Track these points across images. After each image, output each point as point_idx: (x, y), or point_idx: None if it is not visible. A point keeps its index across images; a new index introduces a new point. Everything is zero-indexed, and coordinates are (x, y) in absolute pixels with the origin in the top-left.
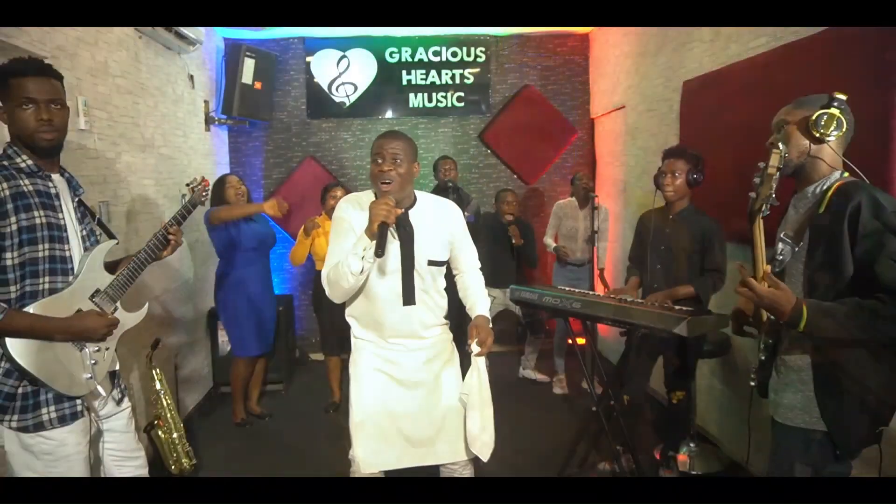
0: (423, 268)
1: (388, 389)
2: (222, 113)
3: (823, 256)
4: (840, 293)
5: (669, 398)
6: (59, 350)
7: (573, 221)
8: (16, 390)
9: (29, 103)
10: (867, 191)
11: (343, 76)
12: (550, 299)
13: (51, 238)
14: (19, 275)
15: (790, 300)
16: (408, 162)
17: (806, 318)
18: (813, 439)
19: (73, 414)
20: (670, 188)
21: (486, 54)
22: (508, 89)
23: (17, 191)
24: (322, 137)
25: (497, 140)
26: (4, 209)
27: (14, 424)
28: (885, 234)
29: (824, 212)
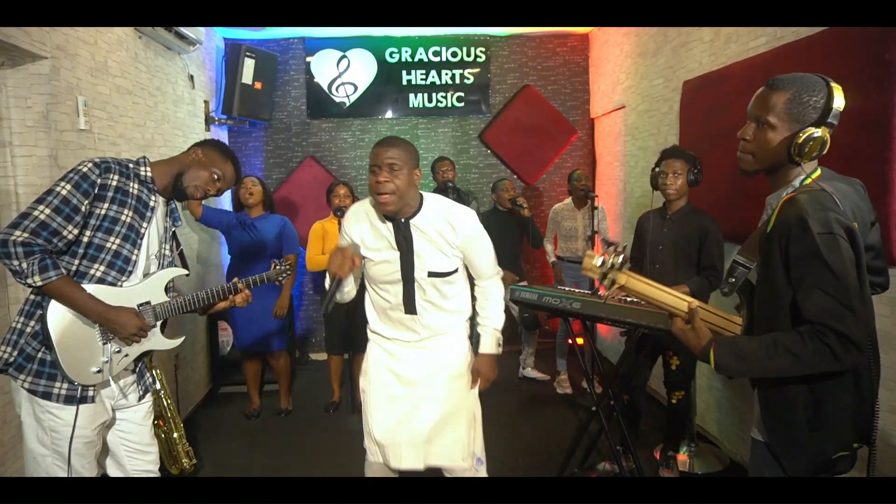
0: (423, 280)
1: (390, 383)
2: (222, 113)
3: (764, 279)
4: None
5: (669, 398)
6: (86, 336)
7: (572, 222)
8: (36, 353)
9: (216, 181)
10: (800, 212)
11: (343, 76)
12: (550, 299)
13: (125, 237)
14: (81, 251)
15: (700, 340)
16: (407, 169)
17: (714, 361)
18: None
19: (82, 397)
20: (672, 188)
21: (486, 54)
22: (508, 89)
23: (123, 187)
24: (322, 137)
25: (497, 140)
26: (105, 194)
27: (26, 385)
28: (809, 260)
29: (770, 231)
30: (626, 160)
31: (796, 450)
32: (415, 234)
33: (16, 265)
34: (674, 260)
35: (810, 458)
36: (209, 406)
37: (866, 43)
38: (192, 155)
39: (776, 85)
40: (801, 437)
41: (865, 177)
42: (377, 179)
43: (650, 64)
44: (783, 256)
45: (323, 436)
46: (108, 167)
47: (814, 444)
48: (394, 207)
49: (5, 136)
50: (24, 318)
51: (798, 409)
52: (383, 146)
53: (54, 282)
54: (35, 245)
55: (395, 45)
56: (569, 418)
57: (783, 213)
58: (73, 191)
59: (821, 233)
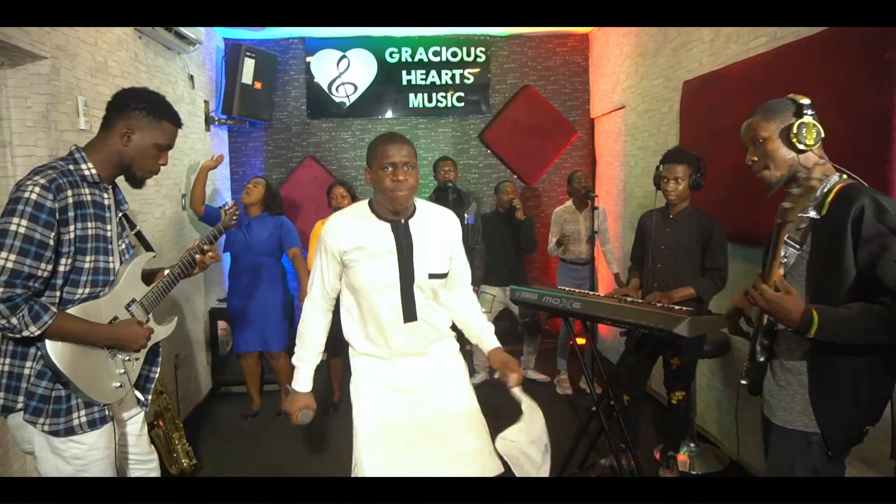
0: (423, 282)
1: (393, 408)
2: (222, 113)
3: (826, 260)
4: (843, 297)
5: (669, 398)
6: (93, 357)
7: (574, 224)
8: (50, 392)
9: (165, 149)
10: (869, 194)
11: (343, 76)
12: (550, 299)
13: (97, 250)
14: (61, 281)
15: (799, 306)
16: (416, 168)
17: (817, 325)
18: (813, 442)
19: (101, 418)
20: (673, 194)
21: (486, 54)
22: (508, 89)
23: (79, 199)
24: (322, 137)
25: (497, 140)
26: (67, 217)
27: (46, 428)
28: (888, 237)
29: (826, 216)
30: (626, 160)
31: (839, 424)
32: (414, 234)
33: (3, 323)
34: (675, 260)
35: (848, 431)
36: (209, 406)
37: (866, 43)
38: (126, 139)
39: (749, 115)
40: (845, 413)
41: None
42: (396, 178)
43: (650, 64)
44: (854, 237)
45: (323, 436)
46: (59, 186)
47: (852, 418)
48: (406, 203)
49: (5, 136)
50: (12, 359)
51: (844, 387)
52: (396, 144)
53: (52, 324)
54: (16, 297)
55: (395, 45)
56: (569, 418)
57: (841, 199)
58: (33, 225)
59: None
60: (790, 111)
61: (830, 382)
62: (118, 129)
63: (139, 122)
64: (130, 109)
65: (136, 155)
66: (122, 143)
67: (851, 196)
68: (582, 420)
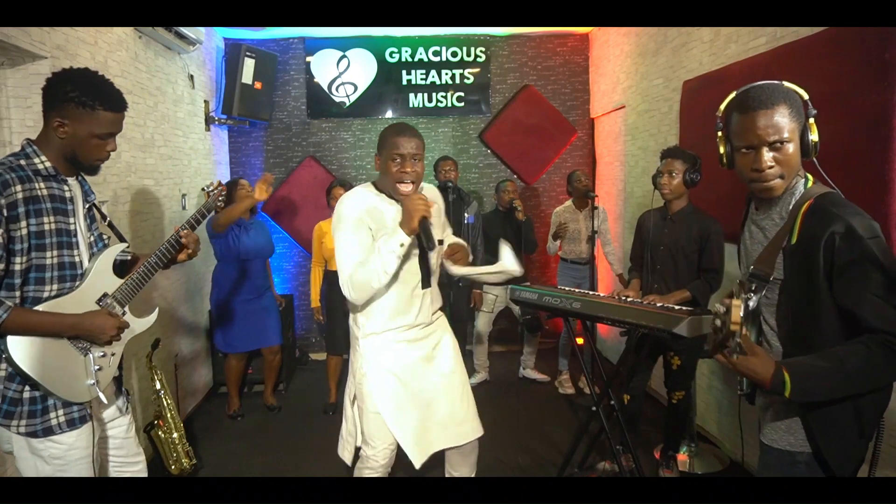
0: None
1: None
2: (222, 113)
3: (801, 291)
4: (823, 333)
5: (669, 398)
6: (63, 354)
7: (574, 224)
8: (20, 395)
9: (107, 136)
10: (840, 217)
11: (343, 76)
12: (550, 299)
13: (59, 244)
14: (23, 280)
15: (769, 368)
16: (423, 159)
17: (790, 387)
18: (799, 461)
19: (81, 417)
20: (667, 188)
21: (486, 54)
22: (508, 89)
23: (31, 194)
24: (322, 137)
25: (497, 140)
26: (16, 213)
27: (22, 429)
28: (865, 268)
29: (797, 242)
30: (626, 160)
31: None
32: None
33: None
34: (673, 260)
35: (855, 462)
36: (209, 406)
37: (866, 43)
38: (60, 132)
39: (768, 103)
40: (851, 445)
41: (865, 177)
42: (404, 169)
43: (650, 64)
44: (827, 266)
45: (322, 436)
46: (5, 182)
47: (858, 449)
48: (415, 191)
49: (5, 136)
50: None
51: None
52: (406, 136)
53: (7, 319)
54: None
55: (395, 45)
56: (569, 418)
57: (811, 221)
58: None
59: (870, 237)
60: (802, 107)
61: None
62: (52, 122)
63: (70, 112)
64: (59, 99)
65: (75, 146)
66: (57, 135)
67: (821, 219)
68: (582, 420)
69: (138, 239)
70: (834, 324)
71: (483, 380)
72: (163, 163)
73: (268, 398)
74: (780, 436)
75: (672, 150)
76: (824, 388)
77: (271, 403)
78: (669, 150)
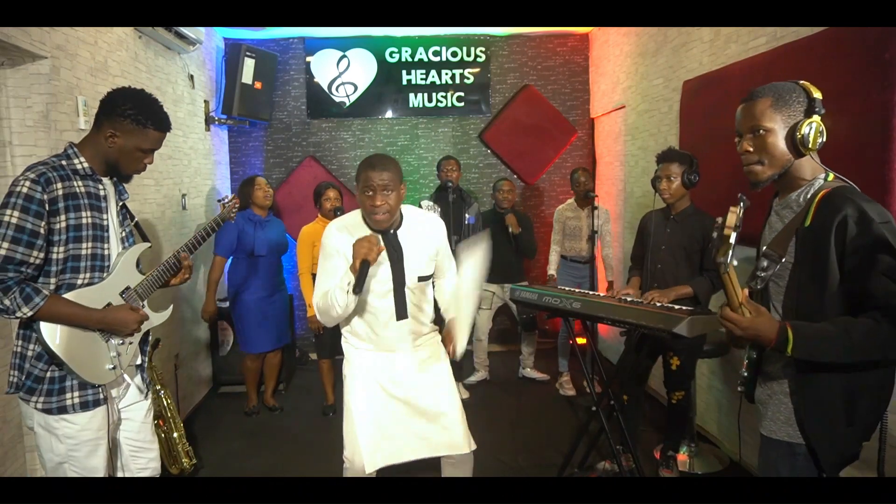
0: (413, 284)
1: (383, 394)
2: (222, 113)
3: (810, 272)
4: (829, 310)
5: (669, 398)
6: (88, 340)
7: (576, 221)
8: (45, 374)
9: (150, 152)
10: (854, 202)
11: (343, 76)
12: (550, 299)
13: (94, 237)
14: (61, 268)
15: (772, 326)
16: (396, 189)
17: (792, 343)
18: (798, 453)
19: (95, 401)
20: (667, 192)
21: (486, 54)
22: (508, 89)
23: (70, 191)
24: (322, 137)
25: (497, 140)
26: (57, 207)
27: (39, 406)
28: (874, 249)
29: (810, 225)
30: (626, 160)
31: (833, 443)
32: (403, 244)
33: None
34: (675, 261)
35: (843, 451)
36: (209, 406)
37: (866, 43)
38: (110, 142)
39: (754, 95)
40: (839, 432)
41: (865, 177)
42: (373, 203)
43: (650, 64)
44: (838, 248)
45: (322, 436)
46: (48, 179)
47: (847, 437)
48: (387, 224)
49: (5, 136)
50: (22, 341)
51: (837, 406)
52: (376, 169)
53: (43, 306)
54: (8, 280)
55: (395, 45)
56: (569, 418)
57: (826, 207)
58: (24, 216)
59: (882, 222)
60: (802, 105)
61: (820, 401)
62: (104, 131)
63: (124, 126)
64: (117, 114)
65: (120, 156)
66: (106, 144)
67: (835, 204)
68: (582, 420)
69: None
70: (838, 307)
71: (483, 378)
72: (163, 163)
73: (268, 399)
74: (780, 427)
75: (667, 154)
76: (827, 351)
77: (272, 405)
78: (664, 153)
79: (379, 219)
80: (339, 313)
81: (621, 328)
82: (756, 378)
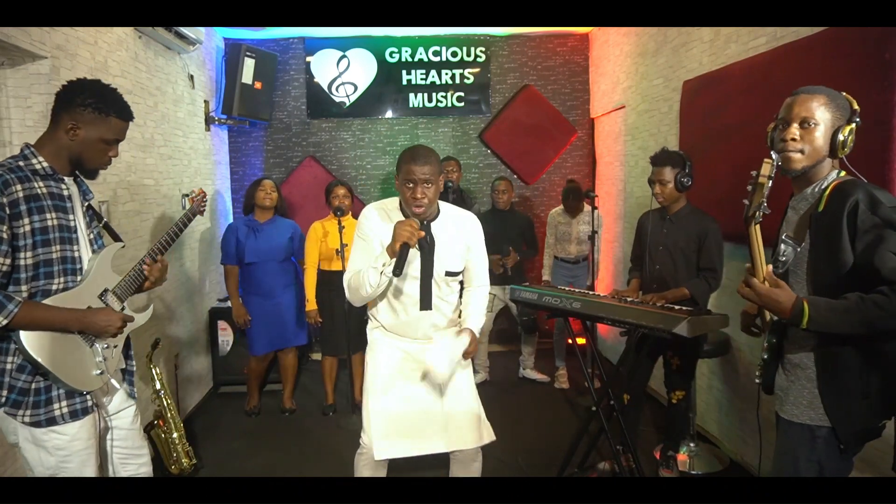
0: (440, 277)
1: (403, 378)
2: (222, 113)
3: (825, 254)
4: (843, 289)
5: (669, 398)
6: (72, 346)
7: (566, 227)
8: (29, 385)
9: (113, 143)
10: (864, 188)
11: (343, 76)
12: (550, 299)
13: (62, 240)
14: (32, 275)
15: (790, 297)
16: (436, 182)
17: (808, 315)
18: (818, 436)
19: (83, 409)
20: (661, 196)
21: (486, 54)
22: (508, 89)
23: (31, 193)
24: (322, 137)
25: (497, 140)
26: (18, 210)
27: (27, 419)
28: (883, 229)
29: (823, 210)
30: (626, 160)
31: (850, 416)
32: (436, 235)
33: None
34: (672, 261)
35: (860, 424)
36: (209, 406)
37: (866, 43)
38: (72, 134)
39: (811, 91)
40: (855, 405)
41: (865, 176)
42: (414, 195)
43: (650, 64)
44: (850, 229)
45: (323, 436)
46: (5, 182)
47: (863, 411)
48: (427, 215)
49: (5, 136)
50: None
51: (852, 378)
52: (418, 163)
53: (18, 313)
54: None
55: (395, 45)
56: (569, 418)
57: (838, 194)
58: None
59: (892, 206)
60: (847, 112)
61: (837, 375)
62: (63, 125)
63: (85, 116)
64: (76, 105)
65: (84, 149)
66: (68, 137)
67: (847, 190)
68: (582, 420)
69: (138, 238)
70: (852, 287)
71: (483, 380)
72: (163, 163)
73: (285, 401)
74: (802, 410)
75: (659, 158)
76: (840, 323)
77: (286, 407)
78: (656, 157)
79: (419, 211)
80: (369, 293)
81: (621, 328)
82: (773, 365)
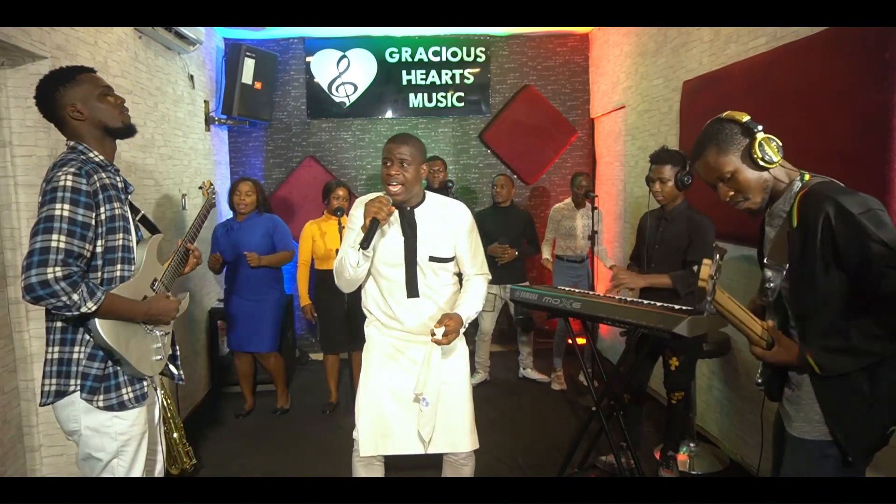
0: (424, 263)
1: (394, 377)
2: (222, 113)
3: (802, 273)
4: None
5: (669, 398)
6: (138, 334)
7: (570, 221)
8: (102, 371)
9: (107, 90)
10: (831, 198)
11: (343, 76)
12: (550, 299)
13: (124, 229)
14: (102, 262)
15: (793, 353)
16: (415, 165)
17: (816, 365)
18: (828, 454)
19: (143, 395)
20: (660, 195)
21: (486, 54)
22: (508, 89)
23: (103, 182)
24: (322, 137)
25: (497, 140)
26: (98, 199)
27: (101, 403)
28: (863, 243)
29: (797, 226)
30: (626, 160)
31: (855, 426)
32: (419, 221)
33: (65, 300)
34: (665, 258)
35: (867, 433)
36: (209, 406)
37: (866, 43)
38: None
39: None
40: (861, 411)
41: (865, 177)
42: (389, 172)
43: (650, 64)
44: (828, 244)
45: (322, 436)
46: (87, 172)
47: (870, 419)
48: (402, 197)
49: (5, 136)
50: (62, 346)
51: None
52: (396, 143)
53: (105, 300)
54: (74, 275)
55: (395, 45)
56: (569, 418)
57: (806, 206)
58: (74, 209)
59: (861, 212)
60: (738, 133)
61: (838, 387)
62: (65, 114)
63: (66, 94)
64: (54, 94)
65: (95, 114)
66: (80, 118)
67: (814, 202)
68: (582, 420)
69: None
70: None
71: (483, 380)
72: (163, 163)
73: (278, 400)
74: (814, 426)
75: (659, 156)
76: (844, 361)
77: (278, 406)
78: (656, 155)
79: (393, 189)
80: (352, 274)
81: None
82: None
